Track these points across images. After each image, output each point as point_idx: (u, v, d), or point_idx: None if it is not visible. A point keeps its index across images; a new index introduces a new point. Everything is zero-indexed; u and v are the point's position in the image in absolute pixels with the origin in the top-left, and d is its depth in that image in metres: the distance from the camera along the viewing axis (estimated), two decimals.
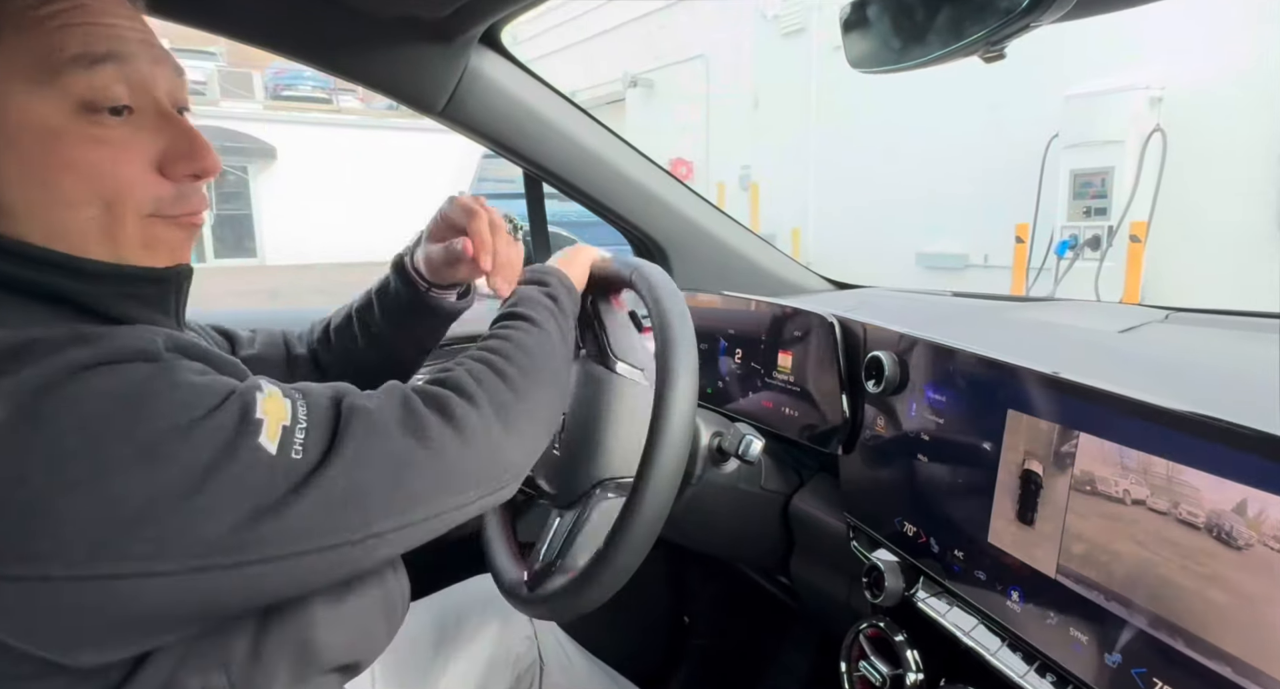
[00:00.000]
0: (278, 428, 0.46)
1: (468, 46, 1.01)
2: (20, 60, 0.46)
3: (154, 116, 0.51)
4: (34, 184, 0.47)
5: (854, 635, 0.79)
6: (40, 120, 0.46)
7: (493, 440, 0.55)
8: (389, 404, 0.53)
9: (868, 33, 0.59)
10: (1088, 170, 4.80)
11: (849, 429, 0.84)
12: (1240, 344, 0.78)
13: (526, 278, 0.75)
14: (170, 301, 0.55)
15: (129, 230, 0.50)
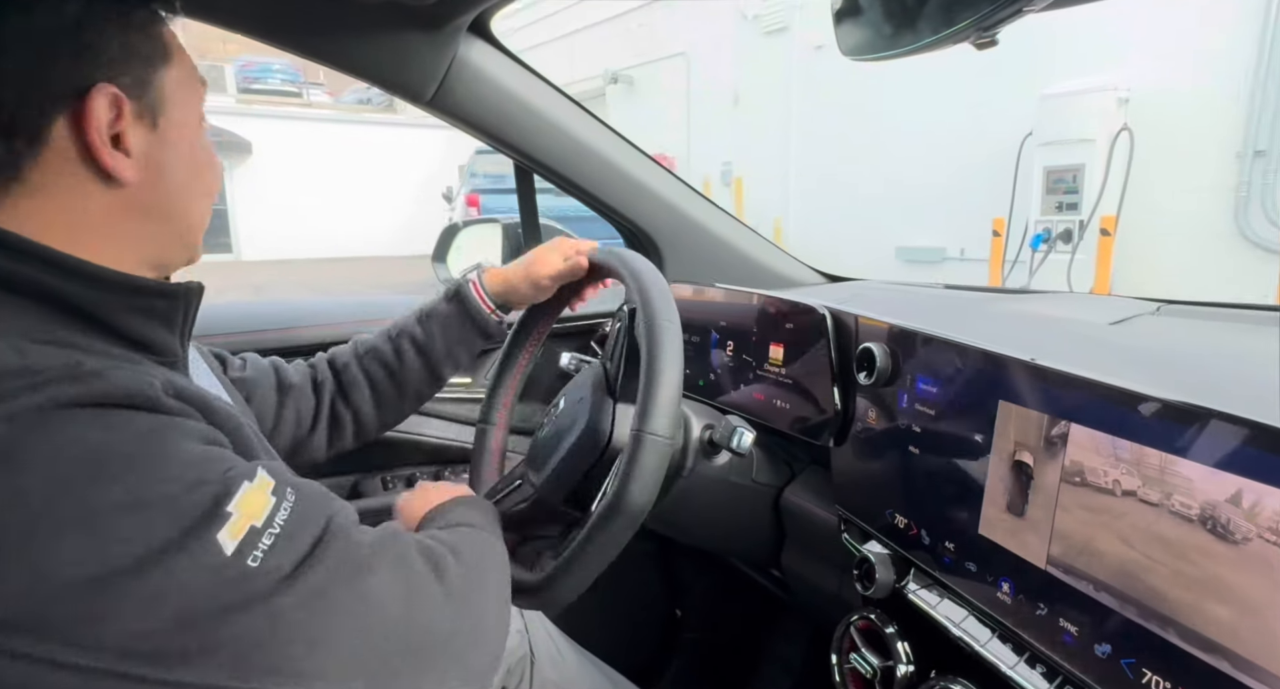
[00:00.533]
0: (245, 527, 0.42)
1: (456, 34, 1.00)
2: (187, 74, 0.56)
3: None
4: (195, 176, 0.56)
5: (845, 627, 0.79)
6: (197, 121, 0.57)
7: (483, 613, 0.53)
8: (382, 538, 0.50)
9: (859, 20, 0.59)
10: (1060, 167, 5.05)
11: (840, 421, 0.84)
12: (1230, 336, 0.78)
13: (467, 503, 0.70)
14: (178, 318, 0.55)
15: (207, 220, 0.59)
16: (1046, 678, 0.57)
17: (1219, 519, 0.45)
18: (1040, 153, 5.17)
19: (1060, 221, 5.08)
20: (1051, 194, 5.13)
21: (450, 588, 0.51)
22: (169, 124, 0.53)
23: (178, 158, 0.54)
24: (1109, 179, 4.90)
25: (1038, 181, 5.19)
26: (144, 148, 0.52)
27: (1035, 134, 5.23)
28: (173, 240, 0.56)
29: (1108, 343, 0.73)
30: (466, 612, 0.52)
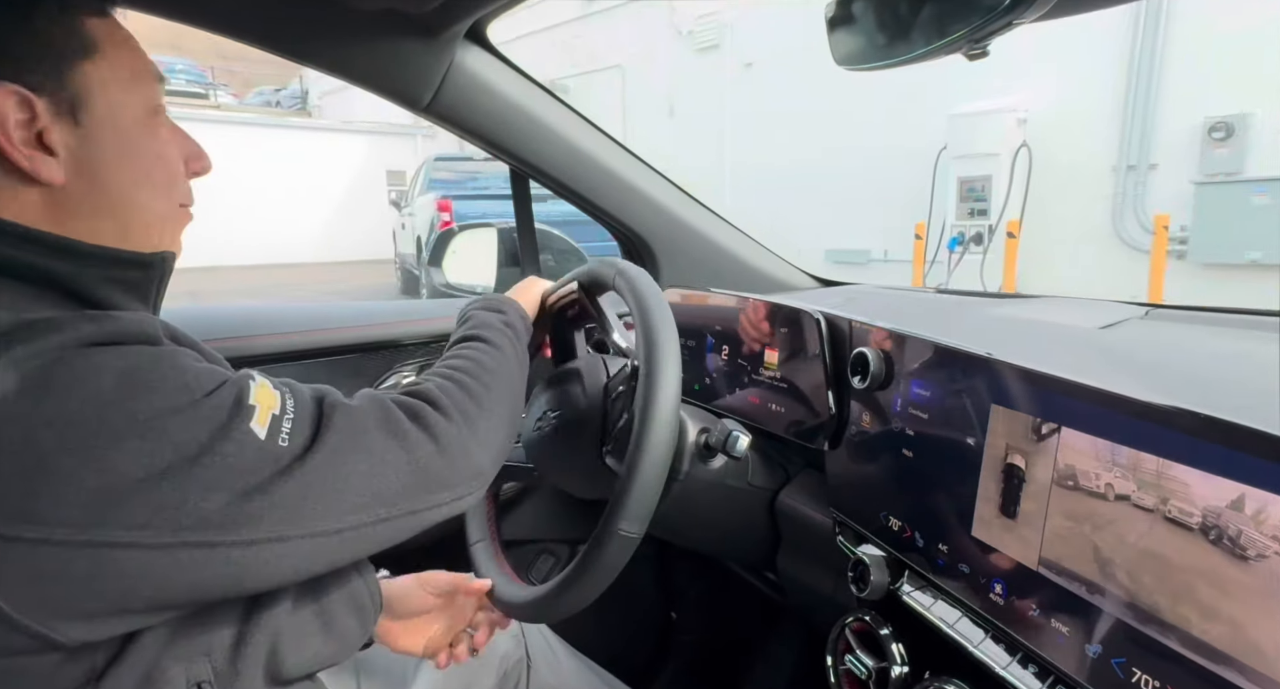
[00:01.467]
0: (268, 415, 0.49)
1: (453, 42, 1.00)
2: (120, 67, 0.54)
3: (168, 124, 0.59)
4: (133, 171, 0.55)
5: (840, 629, 0.80)
6: (137, 115, 0.55)
7: (463, 447, 0.59)
8: (369, 407, 0.55)
9: (853, 30, 0.59)
10: (971, 177, 6.00)
11: (835, 425, 0.85)
12: (1218, 340, 0.79)
13: (482, 305, 0.79)
14: (151, 289, 0.57)
15: (173, 213, 0.59)
16: (1039, 678, 0.58)
17: (1208, 523, 0.46)
18: (954, 165, 6.06)
19: (973, 226, 5.97)
20: (964, 201, 6.02)
21: (433, 433, 0.57)
22: (95, 120, 0.52)
23: (112, 153, 0.53)
24: (1012, 189, 5.84)
25: (952, 190, 6.07)
26: (70, 145, 0.51)
27: (949, 148, 6.11)
28: (125, 236, 0.55)
29: (1099, 347, 0.75)
30: (451, 449, 0.58)
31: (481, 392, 0.64)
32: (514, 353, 0.73)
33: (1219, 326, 0.84)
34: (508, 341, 0.73)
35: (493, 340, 0.72)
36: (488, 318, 0.76)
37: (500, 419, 0.65)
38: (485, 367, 0.67)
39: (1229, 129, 5.03)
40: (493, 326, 0.74)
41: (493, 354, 0.70)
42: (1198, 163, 5.21)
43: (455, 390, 0.62)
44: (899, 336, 0.76)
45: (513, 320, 0.77)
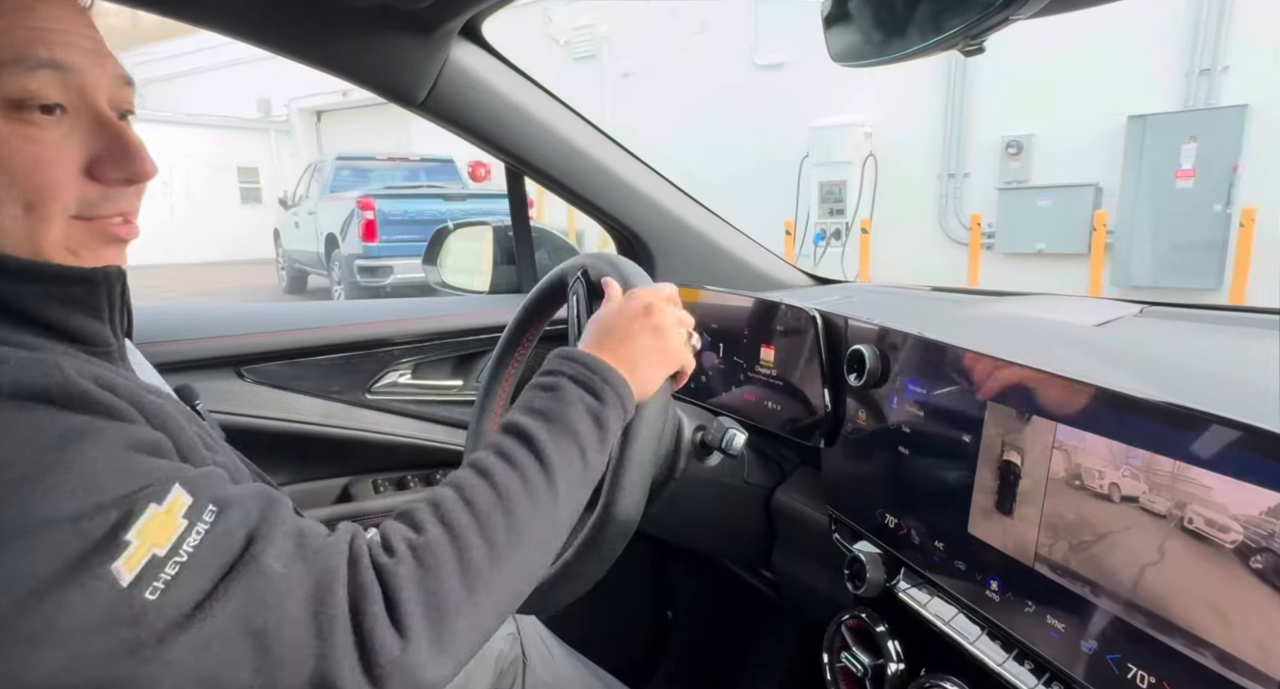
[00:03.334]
0: (145, 554, 0.38)
1: (448, 38, 1.00)
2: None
3: (89, 119, 0.49)
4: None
5: (836, 626, 0.80)
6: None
7: (410, 667, 0.44)
8: (303, 575, 0.42)
9: (849, 27, 0.59)
10: (830, 181, 7.24)
11: (831, 422, 0.85)
12: (1213, 337, 0.80)
13: (575, 372, 0.59)
14: (101, 305, 0.50)
15: (53, 232, 0.48)
16: (1034, 674, 0.58)
17: (1204, 519, 0.46)
18: (815, 171, 7.30)
19: (833, 223, 7.21)
20: (825, 202, 7.26)
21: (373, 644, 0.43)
22: None
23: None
24: (863, 192, 7.10)
25: (814, 192, 7.31)
26: None
27: (810, 156, 7.30)
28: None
29: (1094, 345, 0.75)
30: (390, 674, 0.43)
31: (485, 566, 0.48)
32: (578, 481, 0.54)
33: (1211, 324, 0.84)
34: (575, 466, 0.54)
35: (550, 461, 0.53)
36: (569, 411, 0.56)
37: (497, 602, 0.49)
38: (515, 511, 0.50)
39: (1019, 146, 6.57)
40: (569, 428, 0.55)
41: (539, 487, 0.52)
42: (998, 173, 6.72)
43: (446, 561, 0.46)
44: (895, 334, 0.76)
45: (607, 422, 0.57)
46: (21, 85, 0.45)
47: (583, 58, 9.07)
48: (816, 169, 7.25)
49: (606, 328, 0.65)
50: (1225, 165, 5.48)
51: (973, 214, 6.71)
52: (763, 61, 8.06)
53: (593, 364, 0.59)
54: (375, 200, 7.31)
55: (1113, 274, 6.07)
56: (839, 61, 0.63)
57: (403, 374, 1.22)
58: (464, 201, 7.68)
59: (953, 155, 7.02)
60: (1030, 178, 6.55)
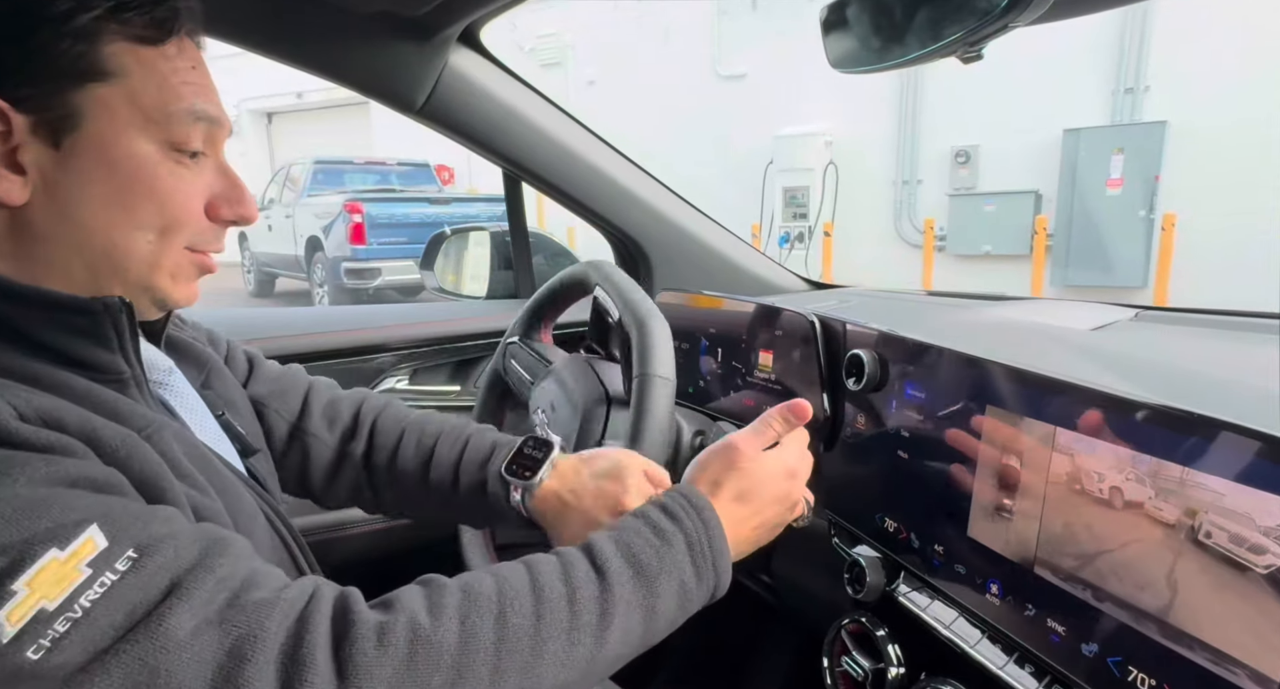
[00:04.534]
0: (33, 607, 0.35)
1: (446, 45, 1.00)
2: (143, 98, 0.50)
3: (215, 164, 0.55)
4: (114, 205, 0.50)
5: (836, 631, 0.80)
6: (141, 150, 0.50)
7: None
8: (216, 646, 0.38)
9: (848, 33, 0.60)
10: (793, 187, 7.73)
11: (830, 427, 0.85)
12: (1208, 341, 0.80)
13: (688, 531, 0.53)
14: (109, 336, 0.51)
15: (171, 257, 0.53)
16: (1035, 677, 0.58)
17: (1204, 523, 0.46)
18: (779, 177, 7.77)
19: (796, 227, 7.70)
20: (789, 207, 7.77)
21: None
22: (82, 145, 0.48)
23: (92, 184, 0.48)
24: (824, 197, 7.59)
25: (779, 197, 7.80)
26: (42, 166, 0.47)
27: (774, 163, 7.79)
28: (88, 270, 0.50)
29: (1091, 348, 0.75)
30: None
31: None
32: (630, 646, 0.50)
33: (1206, 328, 0.85)
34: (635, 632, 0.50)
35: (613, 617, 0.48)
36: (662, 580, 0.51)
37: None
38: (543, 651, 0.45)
39: (967, 155, 7.09)
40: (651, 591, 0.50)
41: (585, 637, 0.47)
42: (949, 180, 7.22)
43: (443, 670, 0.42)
44: (893, 339, 0.77)
45: (690, 604, 0.53)
46: (185, 134, 0.52)
47: (548, 65, 9.28)
48: (780, 175, 7.77)
49: (749, 488, 0.59)
50: (1149, 175, 6.09)
51: (926, 218, 7.32)
52: (725, 72, 8.41)
53: (714, 536, 0.54)
54: (363, 204, 7.36)
55: (1052, 274, 6.65)
56: (837, 67, 0.63)
57: (400, 380, 1.22)
58: (448, 205, 7.78)
59: (906, 163, 7.55)
60: (977, 185, 7.12)
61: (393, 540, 1.20)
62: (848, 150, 7.58)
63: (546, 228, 7.89)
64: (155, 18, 0.50)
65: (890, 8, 0.53)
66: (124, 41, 0.49)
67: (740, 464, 0.59)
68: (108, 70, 0.48)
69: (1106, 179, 6.25)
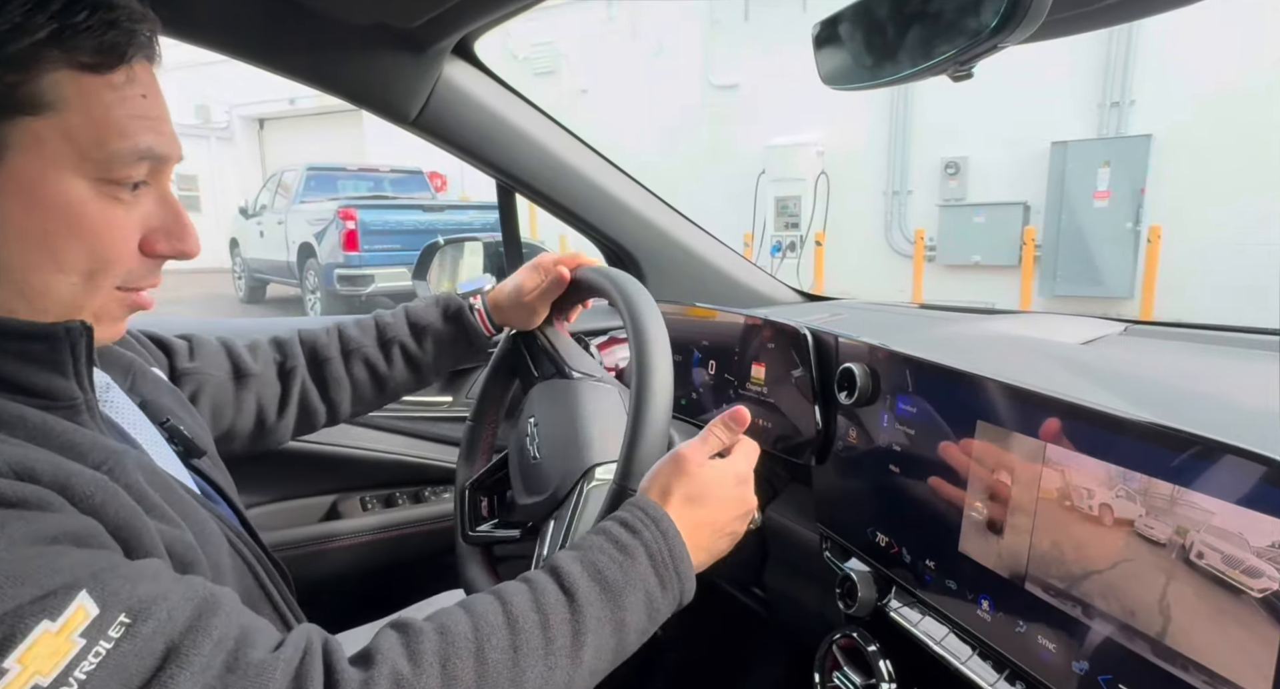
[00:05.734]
0: (26, 685, 0.34)
1: (440, 57, 1.01)
2: (81, 133, 0.45)
3: (156, 196, 0.51)
4: (34, 246, 0.46)
5: (827, 646, 0.79)
6: (71, 188, 0.46)
7: None
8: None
9: (840, 50, 0.60)
10: (785, 197, 7.84)
11: (822, 440, 0.85)
12: (1196, 356, 0.81)
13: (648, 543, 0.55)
14: (65, 361, 0.48)
15: (97, 300, 0.49)
16: None
17: (1192, 541, 0.46)
18: (771, 186, 7.89)
19: (788, 236, 7.84)
20: (780, 216, 7.87)
21: None
22: (2, 179, 0.44)
23: (6, 218, 0.45)
24: (816, 207, 7.71)
25: (771, 206, 7.92)
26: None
27: (766, 172, 7.89)
28: (5, 310, 0.47)
29: (1081, 363, 0.75)
30: None
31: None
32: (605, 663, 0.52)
33: (1195, 343, 0.86)
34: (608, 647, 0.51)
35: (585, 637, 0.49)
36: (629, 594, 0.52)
37: None
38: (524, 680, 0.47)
39: (957, 167, 7.23)
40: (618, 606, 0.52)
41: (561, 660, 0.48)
42: (939, 191, 7.37)
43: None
44: (885, 352, 0.77)
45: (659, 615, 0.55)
46: (127, 172, 0.47)
47: (542, 73, 9.39)
48: (772, 185, 7.91)
49: (698, 493, 0.60)
50: (1134, 188, 6.21)
51: (916, 228, 7.42)
52: (718, 82, 8.51)
53: (673, 544, 0.55)
54: (356, 210, 7.37)
55: (1040, 284, 6.76)
56: (829, 84, 0.63)
57: None
58: (441, 212, 7.82)
59: (897, 174, 7.71)
60: (967, 196, 7.25)
61: (379, 553, 1.19)
62: (839, 160, 7.70)
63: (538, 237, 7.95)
64: (106, 43, 0.45)
65: (883, 26, 0.53)
66: (66, 69, 0.44)
67: (689, 470, 0.60)
68: (43, 102, 0.44)
69: (1093, 191, 6.37)
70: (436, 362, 0.90)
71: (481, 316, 0.89)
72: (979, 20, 0.44)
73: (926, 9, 0.50)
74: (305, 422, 0.88)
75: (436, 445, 1.25)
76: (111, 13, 0.45)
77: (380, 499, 1.22)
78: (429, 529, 1.22)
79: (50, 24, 0.43)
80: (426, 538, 1.21)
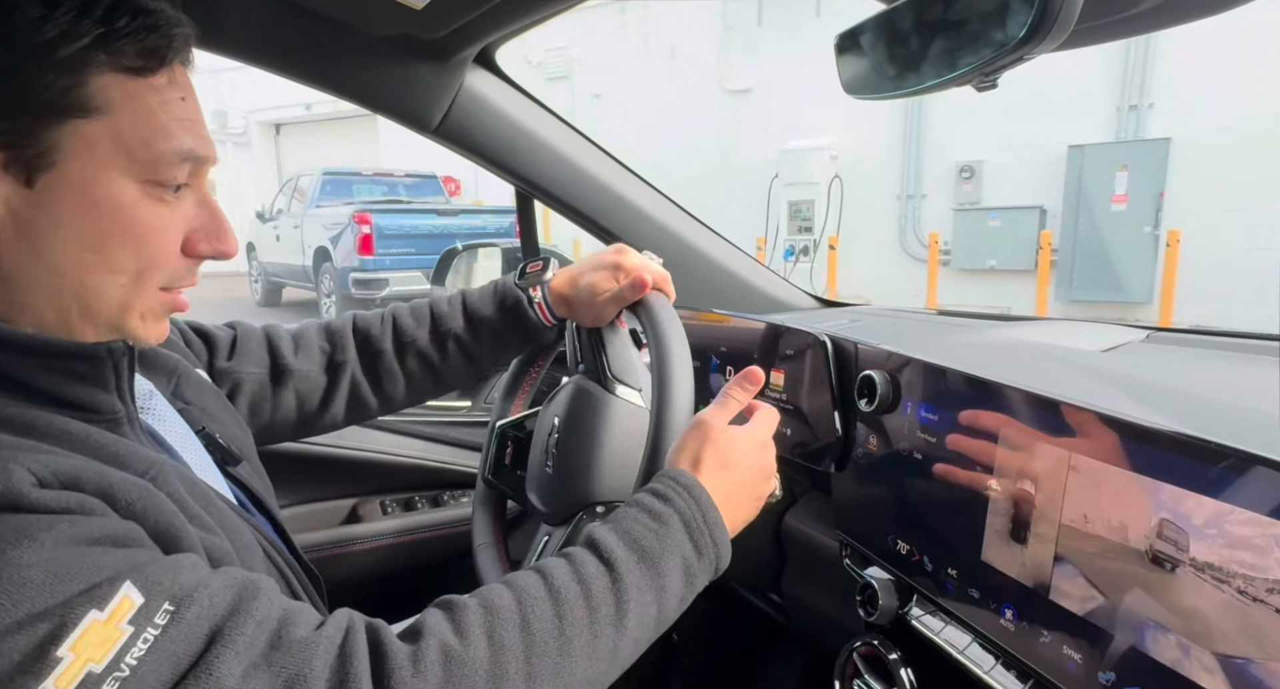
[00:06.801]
0: (80, 672, 0.36)
1: (463, 66, 1.02)
2: (129, 135, 0.47)
3: (196, 197, 0.53)
4: (89, 248, 0.47)
5: (848, 654, 0.79)
6: (121, 190, 0.47)
7: None
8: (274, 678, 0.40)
9: (862, 59, 0.61)
10: (798, 201, 7.84)
11: (841, 447, 0.85)
12: (1221, 364, 0.80)
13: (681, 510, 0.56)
14: (108, 377, 0.50)
15: (143, 300, 0.51)
16: None
17: (1221, 554, 0.46)
18: (784, 191, 7.88)
19: (801, 240, 7.83)
20: (794, 220, 7.88)
21: None
22: (57, 183, 0.45)
23: (64, 222, 0.46)
24: (829, 211, 7.69)
25: (784, 211, 7.92)
26: (13, 205, 0.45)
27: (780, 176, 7.88)
28: (58, 313, 0.48)
29: (1103, 371, 0.75)
30: None
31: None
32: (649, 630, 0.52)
33: (1218, 350, 0.85)
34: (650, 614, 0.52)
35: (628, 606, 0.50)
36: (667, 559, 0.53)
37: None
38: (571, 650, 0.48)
39: (972, 171, 7.20)
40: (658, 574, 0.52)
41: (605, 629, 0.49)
42: (953, 195, 7.34)
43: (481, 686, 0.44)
44: (905, 359, 0.77)
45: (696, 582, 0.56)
46: (172, 173, 0.49)
47: (555, 78, 9.43)
48: (785, 189, 7.89)
49: (726, 459, 0.61)
50: (1153, 192, 6.16)
51: (930, 232, 7.38)
52: (732, 86, 8.50)
53: (707, 511, 0.56)
54: (371, 215, 7.43)
55: (1057, 290, 6.70)
56: (851, 93, 0.64)
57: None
58: (456, 217, 7.86)
59: (911, 178, 7.67)
60: (982, 200, 7.23)
61: (399, 557, 1.20)
62: (853, 164, 7.66)
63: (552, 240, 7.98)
64: (147, 46, 0.47)
65: (906, 37, 0.53)
66: (112, 73, 0.46)
67: (714, 436, 0.62)
68: (93, 105, 0.46)
69: (1111, 195, 6.31)
70: (494, 354, 0.88)
71: (542, 309, 0.84)
72: (1005, 32, 0.44)
73: (951, 20, 0.50)
74: (356, 412, 0.87)
75: (455, 450, 1.25)
76: (150, 17, 0.47)
77: (400, 503, 1.23)
78: (448, 533, 1.23)
79: (96, 29, 0.45)
80: (445, 542, 1.22)
